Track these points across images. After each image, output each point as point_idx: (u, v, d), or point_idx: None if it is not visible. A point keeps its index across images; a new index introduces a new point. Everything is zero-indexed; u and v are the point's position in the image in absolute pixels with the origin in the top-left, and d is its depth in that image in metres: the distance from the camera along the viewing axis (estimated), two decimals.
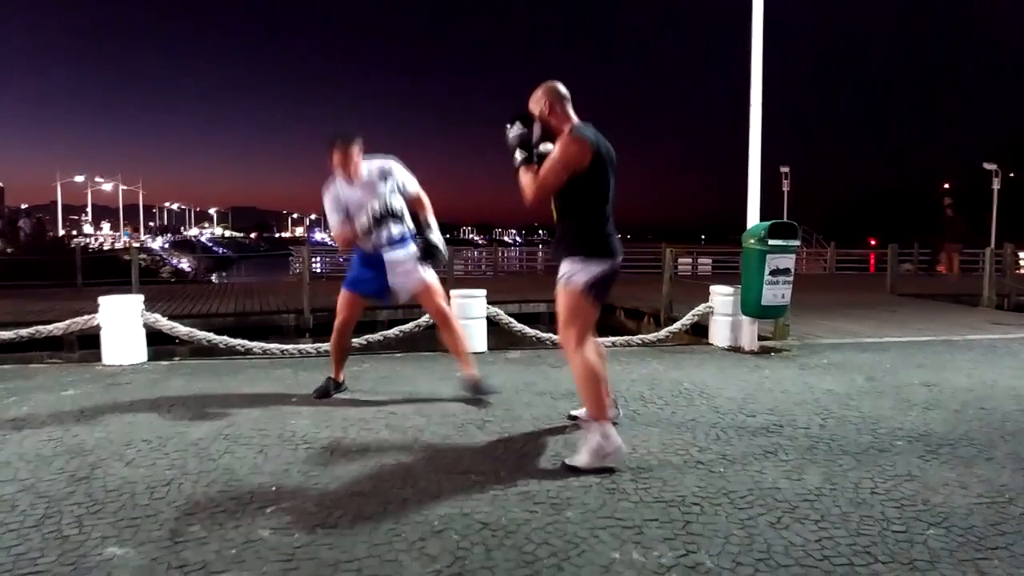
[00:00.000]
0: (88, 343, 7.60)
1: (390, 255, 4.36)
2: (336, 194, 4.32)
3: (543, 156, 3.32)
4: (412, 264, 4.40)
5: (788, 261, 6.03)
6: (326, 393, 4.52)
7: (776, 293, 6.02)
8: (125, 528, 2.56)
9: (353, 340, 6.13)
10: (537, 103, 3.38)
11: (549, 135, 3.36)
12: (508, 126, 3.39)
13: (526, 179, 3.30)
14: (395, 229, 4.36)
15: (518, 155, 3.34)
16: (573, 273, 3.25)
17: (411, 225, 4.46)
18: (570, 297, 3.27)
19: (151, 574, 2.25)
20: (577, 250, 3.26)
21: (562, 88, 3.38)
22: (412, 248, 4.41)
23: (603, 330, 10.50)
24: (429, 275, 4.46)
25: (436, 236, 4.41)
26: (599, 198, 3.29)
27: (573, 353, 3.27)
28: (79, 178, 55.16)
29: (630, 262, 21.72)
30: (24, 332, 6.12)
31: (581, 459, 3.17)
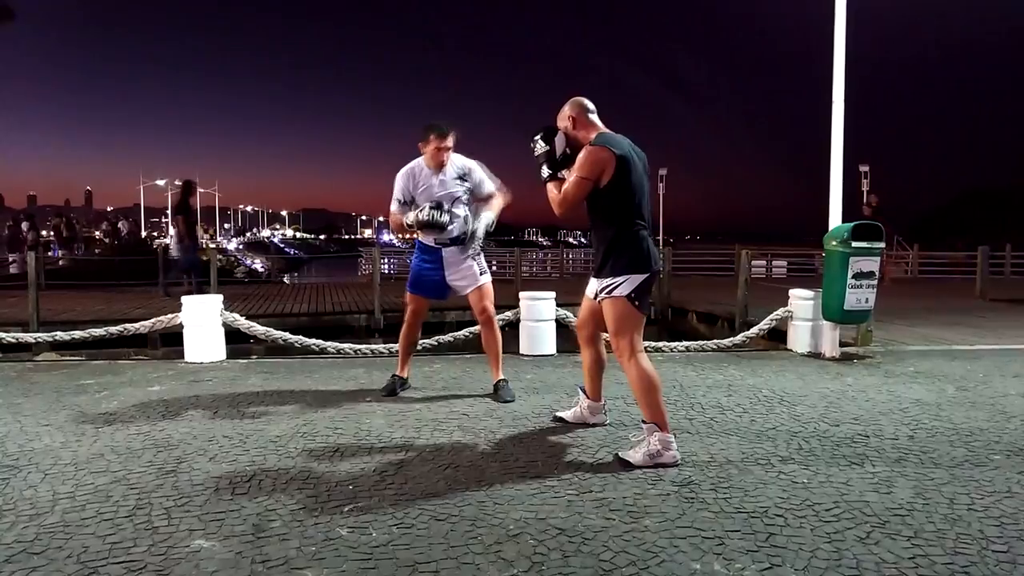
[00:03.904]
0: (170, 341, 7.92)
1: (447, 253, 4.47)
2: (411, 177, 4.43)
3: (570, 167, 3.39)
4: (468, 264, 4.48)
5: (872, 264, 5.81)
6: (392, 391, 4.61)
7: (859, 297, 5.80)
8: (211, 522, 2.63)
9: (424, 341, 6.23)
10: (563, 119, 3.46)
11: (576, 149, 3.40)
12: (533, 142, 3.46)
13: (552, 193, 3.40)
14: (457, 229, 4.42)
15: (544, 172, 3.42)
16: (616, 284, 3.31)
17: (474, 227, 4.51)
18: (616, 307, 3.33)
19: (236, 567, 2.30)
20: (618, 267, 3.31)
21: (587, 102, 3.45)
22: (471, 249, 4.49)
23: (675, 335, 10.36)
24: (484, 278, 4.53)
25: (478, 223, 4.40)
26: (631, 207, 3.31)
27: (628, 362, 3.33)
28: (160, 182, 57.64)
29: (700, 264, 21.34)
30: (114, 330, 6.43)
31: (635, 457, 3.23)
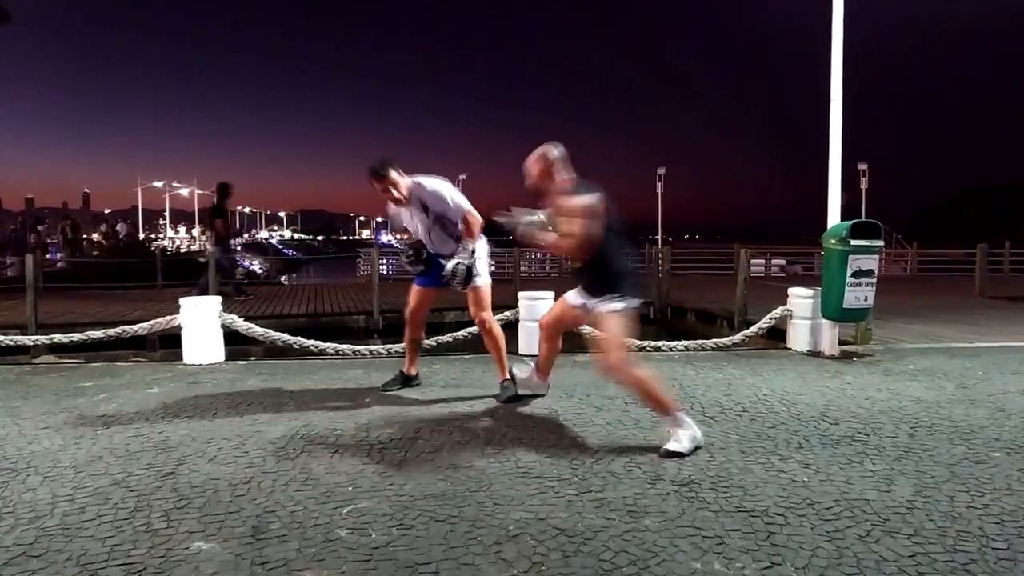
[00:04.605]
0: (169, 342, 7.91)
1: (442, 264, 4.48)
2: (394, 214, 4.56)
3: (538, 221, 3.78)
4: (453, 275, 4.43)
5: (871, 262, 5.81)
6: (392, 384, 4.77)
7: (858, 295, 5.80)
8: (210, 524, 2.63)
9: (423, 341, 6.23)
10: (535, 164, 3.76)
11: (544, 192, 3.74)
12: (518, 222, 3.78)
13: (560, 245, 3.72)
14: (439, 246, 4.46)
15: (545, 236, 3.74)
16: (623, 304, 3.59)
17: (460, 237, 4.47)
18: (617, 320, 3.57)
19: (236, 569, 2.30)
20: (619, 289, 3.61)
21: (557, 150, 3.75)
22: (456, 262, 4.42)
23: (674, 334, 10.35)
24: (479, 280, 4.47)
25: (455, 261, 4.39)
26: (619, 243, 3.66)
27: (631, 372, 3.51)
28: (158, 184, 57.61)
29: (699, 263, 21.33)
30: (112, 332, 6.41)
31: (683, 446, 3.38)
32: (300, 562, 2.34)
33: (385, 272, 20.53)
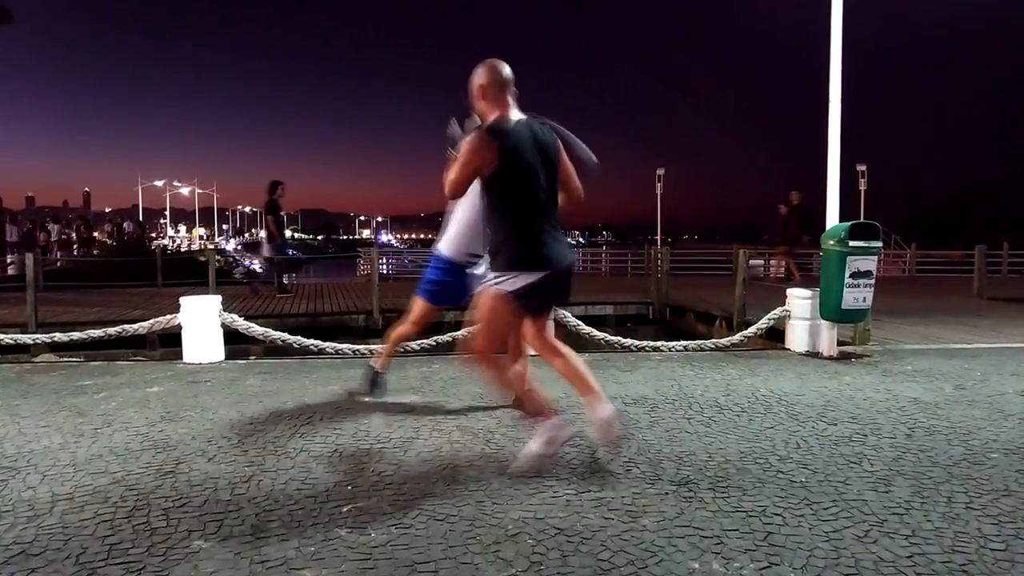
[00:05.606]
0: (169, 341, 7.92)
1: (476, 268, 4.26)
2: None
3: None
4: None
5: (869, 263, 5.82)
6: (374, 383, 4.54)
7: (857, 296, 5.81)
8: (210, 522, 2.64)
9: (422, 341, 6.25)
10: (473, 86, 3.16)
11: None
12: (450, 123, 3.39)
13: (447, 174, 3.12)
14: (471, 244, 4.26)
15: (451, 152, 3.31)
16: (503, 280, 3.00)
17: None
18: (493, 301, 3.03)
19: (235, 568, 2.30)
20: (507, 261, 3.00)
21: (502, 70, 3.11)
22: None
23: (673, 334, 10.35)
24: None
25: None
26: (523, 200, 2.99)
27: (477, 360, 3.17)
28: (159, 183, 57.79)
29: (698, 263, 21.32)
30: (112, 331, 6.42)
31: (534, 447, 3.16)
32: (299, 561, 2.35)
33: (385, 271, 20.52)
